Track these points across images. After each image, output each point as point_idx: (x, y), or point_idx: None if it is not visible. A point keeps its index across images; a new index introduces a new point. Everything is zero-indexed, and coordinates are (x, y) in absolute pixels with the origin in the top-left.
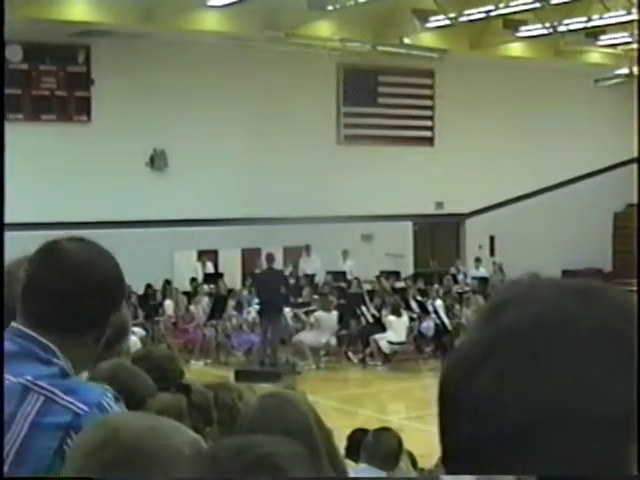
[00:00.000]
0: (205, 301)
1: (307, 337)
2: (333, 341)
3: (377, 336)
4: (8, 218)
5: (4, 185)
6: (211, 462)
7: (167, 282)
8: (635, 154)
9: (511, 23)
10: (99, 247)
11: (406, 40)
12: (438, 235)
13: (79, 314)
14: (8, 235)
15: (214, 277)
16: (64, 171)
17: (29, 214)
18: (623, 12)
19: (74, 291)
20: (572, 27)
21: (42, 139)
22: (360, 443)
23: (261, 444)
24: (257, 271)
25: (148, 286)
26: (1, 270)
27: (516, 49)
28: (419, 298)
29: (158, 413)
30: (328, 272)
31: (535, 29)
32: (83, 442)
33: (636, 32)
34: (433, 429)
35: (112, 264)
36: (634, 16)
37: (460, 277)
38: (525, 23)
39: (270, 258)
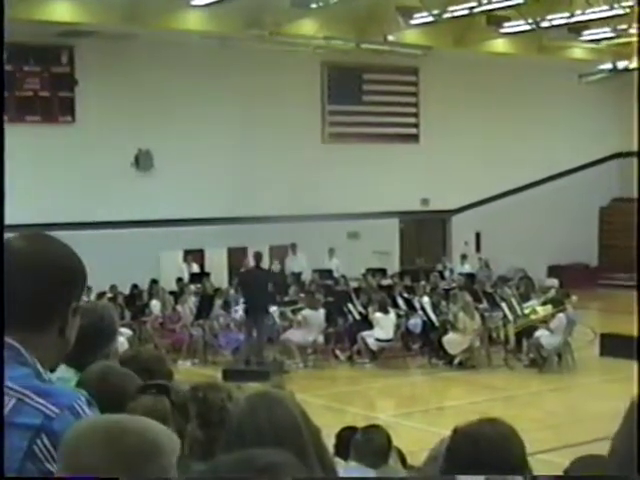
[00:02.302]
0: (192, 301)
1: (294, 335)
2: (320, 339)
3: (364, 333)
4: None
5: (4, 186)
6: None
7: (153, 282)
8: (620, 149)
9: (494, 19)
10: (50, 240)
11: (390, 37)
12: (424, 232)
13: (36, 308)
14: None
15: (200, 276)
16: (49, 172)
17: (13, 216)
18: (606, 7)
19: (26, 287)
20: (555, 23)
21: (27, 140)
22: (349, 441)
23: (259, 456)
24: (242, 270)
25: (134, 286)
26: (1, 269)
27: (500, 45)
28: (406, 295)
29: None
30: (314, 270)
31: (518, 25)
32: (86, 438)
33: (620, 27)
34: (421, 426)
35: (62, 254)
36: (616, 11)
37: (447, 273)
38: (508, 19)
39: (258, 257)
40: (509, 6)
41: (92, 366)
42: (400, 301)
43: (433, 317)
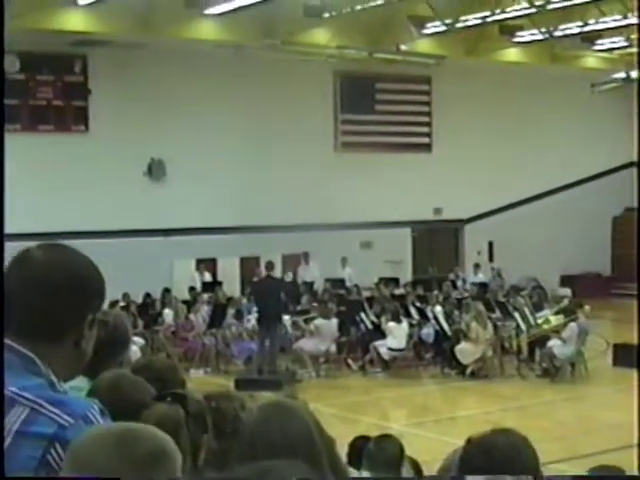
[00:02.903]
0: (205, 310)
1: (307, 345)
2: (333, 348)
3: (377, 343)
4: (6, 229)
5: (4, 194)
6: None
7: (166, 291)
8: (633, 158)
9: (507, 29)
10: (68, 250)
11: (403, 47)
12: (437, 241)
13: (50, 319)
14: (6, 246)
15: (213, 285)
16: (62, 181)
17: (27, 225)
18: (619, 16)
19: (41, 297)
20: (568, 32)
21: (40, 149)
22: (362, 451)
23: (273, 468)
24: (255, 279)
25: (147, 295)
26: (1, 274)
27: (512, 54)
28: (418, 304)
29: (156, 424)
30: (327, 279)
31: (531, 34)
32: (95, 444)
33: (633, 36)
34: (434, 435)
35: (81, 266)
36: (630, 20)
37: (459, 283)
38: (521, 28)
39: (269, 266)
40: (522, 15)
41: (104, 374)
42: (413, 310)
43: (446, 326)
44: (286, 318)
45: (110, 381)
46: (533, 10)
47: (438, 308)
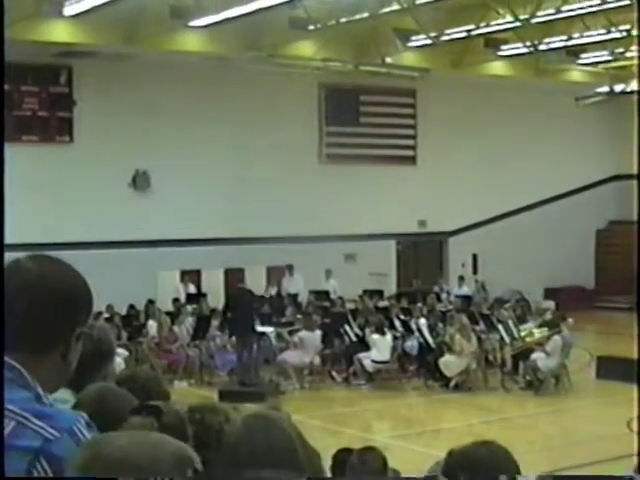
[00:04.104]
0: (189, 321)
1: (291, 357)
2: (317, 360)
3: (361, 355)
4: None
5: (4, 203)
6: None
7: (150, 302)
8: (617, 171)
9: (492, 42)
10: (59, 263)
11: (388, 59)
12: (421, 254)
13: (39, 331)
14: None
15: (197, 297)
16: (46, 192)
17: (10, 236)
18: (603, 31)
19: (30, 308)
20: (553, 46)
21: (24, 160)
22: (345, 463)
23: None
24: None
25: (131, 307)
26: (1, 280)
27: (497, 68)
28: (403, 317)
29: None
30: (311, 292)
31: (516, 48)
32: (72, 464)
33: (617, 50)
34: (417, 448)
35: (72, 279)
36: (614, 34)
37: (443, 295)
38: (506, 42)
39: (239, 277)
40: (507, 29)
41: (89, 387)
42: (397, 323)
43: (430, 339)
44: (270, 330)
45: (95, 394)
46: (518, 24)
47: (422, 320)
